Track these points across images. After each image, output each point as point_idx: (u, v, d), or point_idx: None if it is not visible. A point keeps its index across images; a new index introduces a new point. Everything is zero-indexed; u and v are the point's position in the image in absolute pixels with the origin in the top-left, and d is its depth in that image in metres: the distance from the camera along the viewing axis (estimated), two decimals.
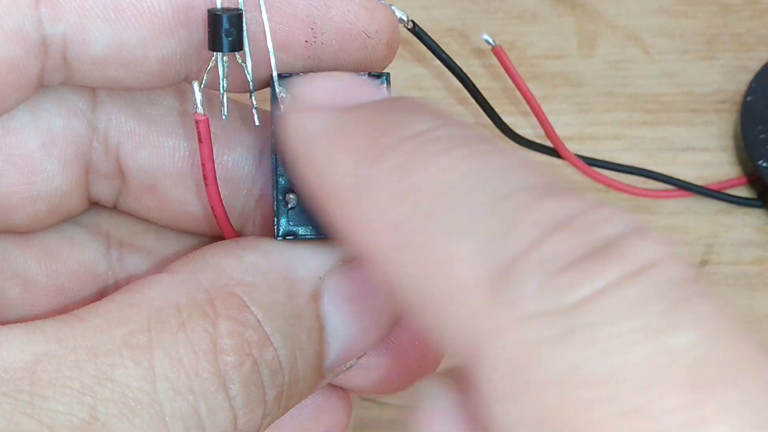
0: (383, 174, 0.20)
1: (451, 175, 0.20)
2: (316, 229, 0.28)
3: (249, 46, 0.27)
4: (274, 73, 0.27)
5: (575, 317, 0.17)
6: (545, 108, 0.44)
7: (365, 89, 0.24)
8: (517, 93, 0.44)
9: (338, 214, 0.22)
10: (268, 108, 0.28)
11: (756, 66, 0.48)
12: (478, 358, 0.18)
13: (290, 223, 0.28)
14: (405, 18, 0.30)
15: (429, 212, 0.19)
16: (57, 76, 0.27)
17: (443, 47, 0.34)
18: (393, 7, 0.29)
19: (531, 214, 0.19)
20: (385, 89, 0.24)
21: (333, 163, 0.22)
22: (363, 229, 0.21)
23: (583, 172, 0.45)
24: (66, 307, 0.30)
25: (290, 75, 0.27)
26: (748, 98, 0.47)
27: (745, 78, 0.48)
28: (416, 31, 0.32)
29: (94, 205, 0.31)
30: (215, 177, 0.27)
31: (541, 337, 0.17)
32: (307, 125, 0.23)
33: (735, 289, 0.44)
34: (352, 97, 0.23)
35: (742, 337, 0.17)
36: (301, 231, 0.28)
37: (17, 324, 0.24)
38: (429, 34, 0.32)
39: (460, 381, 0.20)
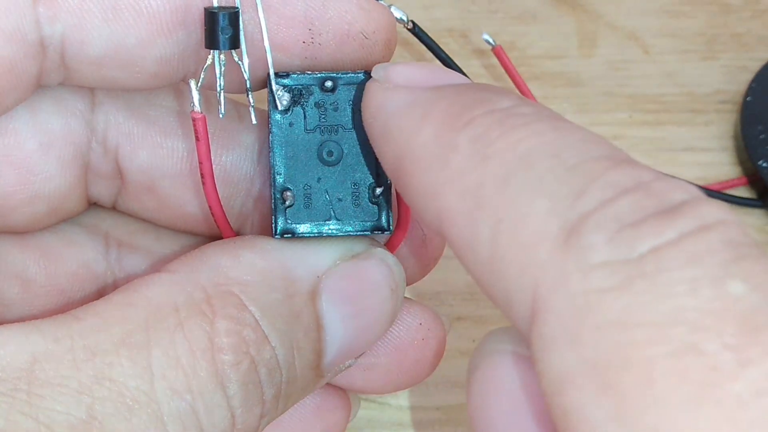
0: (466, 141, 0.22)
1: (529, 144, 0.21)
2: (314, 227, 0.28)
3: (246, 44, 0.27)
4: (271, 72, 0.27)
5: (639, 266, 0.18)
6: None
7: (448, 74, 0.25)
8: (518, 93, 0.44)
9: (419, 179, 0.23)
10: (265, 107, 0.28)
11: (756, 66, 0.48)
12: (542, 305, 0.19)
13: (288, 221, 0.28)
14: (405, 18, 0.30)
15: (508, 175, 0.21)
16: (55, 77, 0.27)
17: (443, 47, 0.34)
18: (393, 8, 0.29)
19: (603, 178, 0.20)
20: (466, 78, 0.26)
21: (417, 131, 0.23)
22: (444, 191, 0.22)
23: None
24: (65, 307, 0.30)
25: (287, 74, 0.28)
26: (748, 98, 0.47)
27: (745, 78, 0.48)
28: (416, 31, 0.32)
29: (93, 205, 0.31)
30: (212, 175, 0.27)
31: (604, 284, 0.18)
32: (395, 99, 0.24)
33: None
34: (438, 79, 0.25)
35: None
36: (298, 229, 0.28)
37: (15, 323, 0.24)
38: (429, 34, 0.32)
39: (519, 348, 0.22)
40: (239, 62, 0.27)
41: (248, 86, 0.27)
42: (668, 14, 0.51)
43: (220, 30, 0.26)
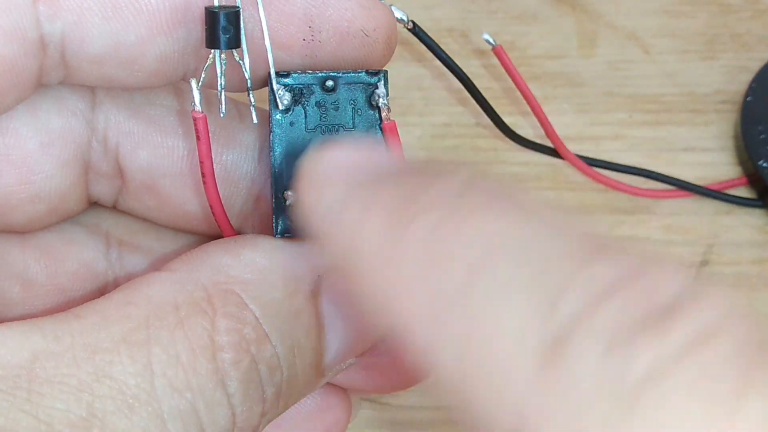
0: (416, 237, 0.19)
1: (487, 239, 0.18)
2: None
3: (246, 43, 0.27)
4: (272, 71, 0.27)
5: (639, 395, 0.16)
6: (545, 108, 0.44)
7: (384, 156, 0.22)
8: (518, 93, 0.44)
9: (369, 285, 0.20)
10: (266, 106, 0.28)
11: (756, 66, 0.48)
12: None
13: (289, 220, 0.28)
14: (405, 18, 0.30)
15: (467, 280, 0.18)
16: (55, 75, 0.27)
17: (443, 47, 0.34)
18: (393, 7, 0.29)
19: (580, 277, 0.17)
20: (401, 154, 0.23)
21: (363, 227, 0.20)
22: (397, 301, 0.19)
23: (584, 172, 0.45)
24: (65, 306, 0.30)
25: (288, 74, 0.28)
26: (748, 98, 0.47)
27: (745, 78, 0.48)
28: (416, 31, 0.32)
29: (93, 204, 0.31)
30: (213, 174, 0.27)
31: (601, 420, 0.16)
32: (329, 195, 0.21)
33: (735, 289, 0.43)
34: (371, 166, 0.22)
35: None
36: (299, 228, 0.28)
37: (15, 322, 0.24)
38: (429, 34, 0.32)
39: None
40: (240, 61, 0.27)
41: (249, 85, 0.27)
42: (668, 14, 0.51)
43: (221, 29, 0.26)
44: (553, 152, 0.45)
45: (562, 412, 0.16)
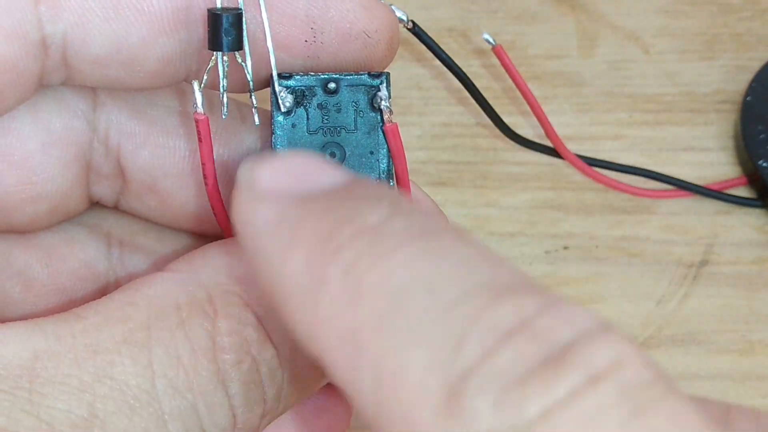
0: (337, 274, 0.20)
1: (401, 277, 0.19)
2: None
3: (249, 45, 0.27)
4: (274, 73, 0.27)
5: None
6: (545, 108, 0.44)
7: (323, 171, 0.22)
8: (517, 93, 0.44)
9: (292, 315, 0.21)
10: (268, 107, 0.28)
11: (756, 66, 0.48)
12: None
13: None
14: (405, 18, 0.30)
15: (382, 318, 0.19)
16: (57, 76, 0.27)
17: (443, 47, 0.34)
18: (393, 7, 0.29)
19: (483, 320, 0.18)
20: (343, 169, 0.23)
21: (286, 261, 0.21)
22: (318, 334, 0.20)
23: (583, 172, 0.45)
24: (66, 306, 0.30)
25: (290, 75, 0.28)
26: (748, 98, 0.47)
27: (745, 78, 0.48)
28: (416, 31, 0.32)
29: (95, 204, 0.31)
30: (215, 176, 0.27)
31: None
32: (259, 216, 0.22)
33: (735, 289, 0.44)
34: (309, 181, 0.22)
35: None
36: None
37: (17, 322, 0.24)
38: (429, 34, 0.32)
39: None
40: (242, 63, 0.27)
41: (251, 87, 0.27)
42: (668, 14, 0.51)
43: (224, 32, 0.26)
44: (553, 152, 0.45)
45: None
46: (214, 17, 0.26)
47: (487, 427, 0.17)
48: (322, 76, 0.28)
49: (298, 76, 0.28)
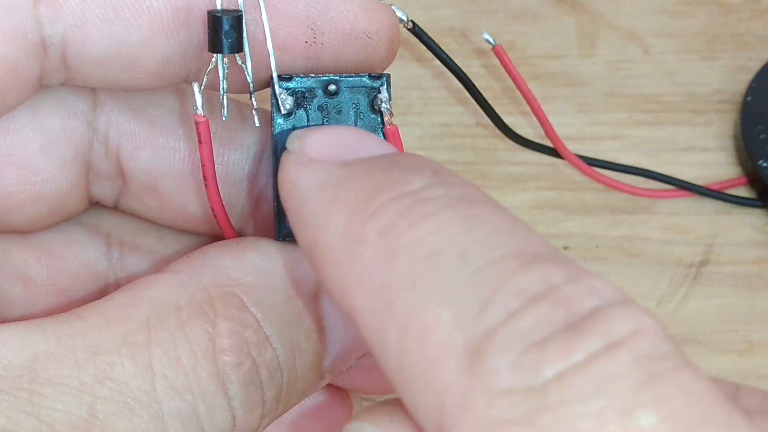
0: (374, 234, 0.21)
1: (436, 240, 0.20)
2: None
3: (249, 46, 0.27)
4: (274, 75, 0.27)
5: (545, 396, 0.17)
6: (545, 108, 0.44)
7: (367, 143, 0.24)
8: (518, 93, 0.44)
9: (330, 272, 0.22)
10: (268, 107, 0.28)
11: (756, 66, 0.48)
12: (447, 428, 0.18)
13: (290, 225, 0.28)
14: (405, 18, 0.30)
15: (414, 277, 0.20)
16: (57, 77, 0.27)
17: (443, 47, 0.34)
18: (393, 7, 0.29)
19: (510, 284, 0.19)
20: (388, 143, 0.24)
21: (327, 219, 0.22)
22: (351, 289, 0.21)
23: (583, 172, 0.45)
24: (66, 306, 0.30)
25: (290, 77, 0.27)
26: (748, 98, 0.47)
27: (745, 78, 0.48)
28: (416, 31, 0.32)
29: (94, 204, 0.31)
30: (215, 178, 0.27)
31: (510, 416, 0.17)
32: (305, 179, 0.23)
33: (735, 289, 0.44)
34: (353, 151, 0.24)
35: (711, 415, 0.17)
36: None
37: (17, 322, 0.24)
38: (429, 34, 0.32)
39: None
40: (242, 65, 0.27)
41: (251, 89, 0.27)
42: (668, 14, 0.51)
43: (224, 34, 0.26)
44: (553, 152, 0.45)
45: (477, 412, 0.18)
46: (214, 19, 0.26)
47: (505, 386, 0.18)
48: (323, 78, 0.28)
49: (299, 78, 0.28)
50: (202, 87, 0.27)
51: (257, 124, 0.28)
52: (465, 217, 0.20)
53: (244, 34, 0.26)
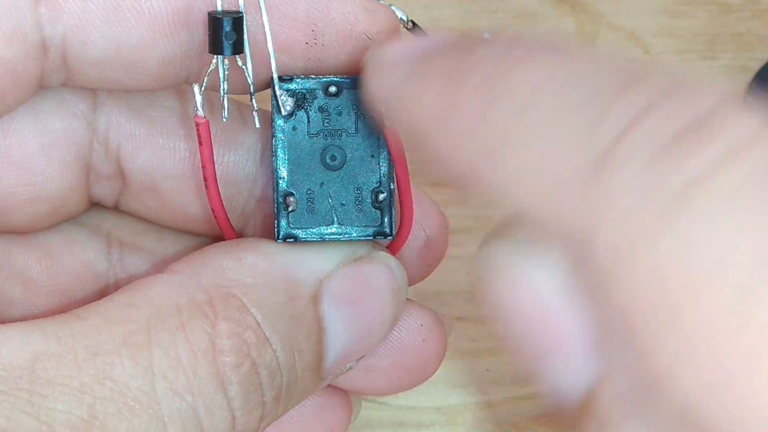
0: (471, 89, 0.20)
1: (536, 78, 0.20)
2: (317, 231, 0.28)
3: (249, 48, 0.27)
4: (275, 76, 0.27)
5: (681, 202, 0.17)
6: None
7: (437, 36, 0.24)
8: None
9: (436, 138, 0.21)
10: (268, 108, 0.28)
11: (756, 66, 0.48)
12: (588, 244, 0.18)
13: (291, 225, 0.28)
14: (405, 18, 0.30)
15: (519, 112, 0.19)
16: (57, 78, 0.27)
17: None
18: (393, 7, 0.29)
19: (620, 101, 0.18)
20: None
21: (418, 98, 0.22)
22: (458, 144, 0.21)
23: None
24: (66, 307, 0.30)
25: (291, 78, 0.28)
26: (748, 98, 0.47)
27: (745, 78, 0.48)
28: (416, 31, 0.32)
29: (95, 205, 0.31)
30: (216, 179, 0.27)
31: (648, 224, 0.17)
32: (391, 76, 0.23)
33: None
34: (426, 46, 0.23)
35: None
36: (301, 234, 0.28)
37: (17, 323, 0.24)
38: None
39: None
40: (243, 66, 0.27)
41: (252, 91, 0.27)
42: (668, 14, 0.51)
43: (225, 35, 0.26)
44: None
45: (612, 216, 0.18)
46: (214, 21, 0.26)
47: (638, 185, 0.17)
48: (324, 80, 0.28)
49: (299, 79, 0.28)
50: (203, 88, 0.27)
51: (258, 125, 0.28)
52: (558, 55, 0.20)
53: (245, 36, 0.26)
